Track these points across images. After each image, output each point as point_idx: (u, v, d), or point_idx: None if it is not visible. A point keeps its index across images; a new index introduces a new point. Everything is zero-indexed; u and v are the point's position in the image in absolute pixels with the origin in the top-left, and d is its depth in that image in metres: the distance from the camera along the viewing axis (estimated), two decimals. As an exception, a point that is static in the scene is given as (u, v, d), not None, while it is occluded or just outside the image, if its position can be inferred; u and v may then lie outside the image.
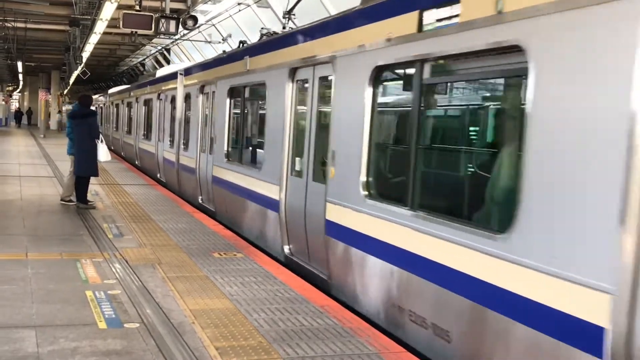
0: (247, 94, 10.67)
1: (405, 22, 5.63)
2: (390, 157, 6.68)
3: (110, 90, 32.63)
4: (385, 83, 6.47)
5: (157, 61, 35.16)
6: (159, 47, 32.25)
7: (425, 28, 5.35)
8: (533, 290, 4.05)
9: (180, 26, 15.00)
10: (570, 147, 3.84)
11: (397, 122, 6.73)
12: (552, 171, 3.97)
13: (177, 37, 22.78)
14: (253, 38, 20.32)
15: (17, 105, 70.03)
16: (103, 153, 11.39)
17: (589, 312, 3.63)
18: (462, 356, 4.76)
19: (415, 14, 5.47)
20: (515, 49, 4.34)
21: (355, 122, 6.39)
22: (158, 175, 17.38)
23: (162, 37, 22.52)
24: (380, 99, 6.40)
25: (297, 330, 5.30)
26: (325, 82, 7.42)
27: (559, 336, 3.83)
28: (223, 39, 24.24)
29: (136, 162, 21.40)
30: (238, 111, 10.99)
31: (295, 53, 8.13)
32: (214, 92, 12.02)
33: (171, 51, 32.08)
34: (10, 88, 64.36)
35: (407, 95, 5.98)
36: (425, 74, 5.52)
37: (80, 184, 11.30)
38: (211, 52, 25.15)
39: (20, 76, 50.97)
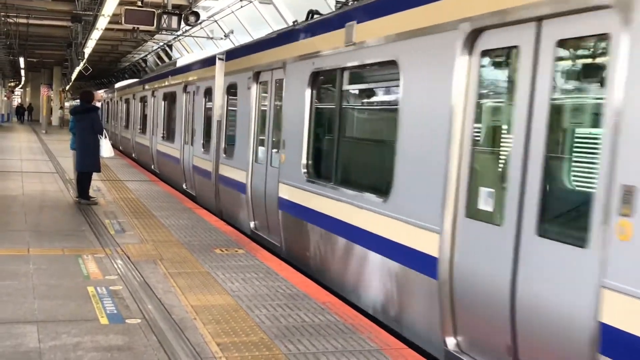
0: (348, 80, 7.10)
1: None
2: None
3: (118, 84, 30.89)
4: None
5: (159, 57, 35.16)
6: (161, 44, 32.25)
7: None
8: None
9: (182, 22, 15.00)
10: None
11: None
12: None
13: (178, 33, 22.76)
14: (255, 35, 20.33)
15: (19, 101, 70.17)
16: (106, 149, 11.38)
17: None
18: None
19: None
20: None
21: None
22: (184, 186, 14.27)
23: (164, 33, 22.52)
24: None
25: (298, 327, 5.30)
26: (591, 46, 4.09)
27: None
28: (225, 35, 24.24)
29: (152, 167, 18.38)
30: (328, 106, 7.57)
31: (481, 3, 4.67)
32: (279, 80, 8.80)
33: (173, 47, 32.09)
34: (13, 84, 64.40)
35: None
36: None
37: (82, 179, 11.31)
38: (213, 49, 25.12)
39: (22, 72, 50.98)
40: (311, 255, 7.45)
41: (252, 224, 9.60)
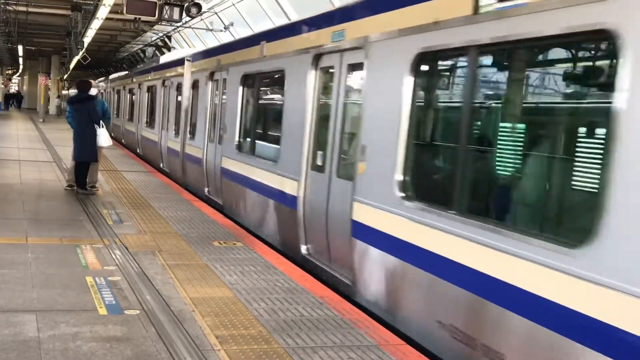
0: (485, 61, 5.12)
1: None
2: None
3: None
4: None
5: (158, 48, 35.05)
6: (160, 34, 32.15)
7: None
8: None
9: (183, 13, 14.97)
10: None
11: None
12: None
13: (179, 24, 22.67)
14: (256, 28, 20.29)
15: (16, 88, 69.87)
16: (104, 138, 11.35)
17: None
18: None
19: None
20: None
21: None
22: (206, 191, 11.97)
23: (164, 24, 22.44)
24: None
25: (297, 320, 5.32)
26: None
27: None
28: (225, 27, 24.19)
29: (161, 165, 15.82)
30: (447, 103, 5.97)
31: None
32: (354, 65, 6.80)
33: (172, 38, 31.99)
34: (10, 72, 64.15)
35: None
36: None
37: (80, 169, 11.27)
38: (213, 41, 25.12)
39: (21, 60, 50.79)
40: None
41: (303, 248, 7.67)
